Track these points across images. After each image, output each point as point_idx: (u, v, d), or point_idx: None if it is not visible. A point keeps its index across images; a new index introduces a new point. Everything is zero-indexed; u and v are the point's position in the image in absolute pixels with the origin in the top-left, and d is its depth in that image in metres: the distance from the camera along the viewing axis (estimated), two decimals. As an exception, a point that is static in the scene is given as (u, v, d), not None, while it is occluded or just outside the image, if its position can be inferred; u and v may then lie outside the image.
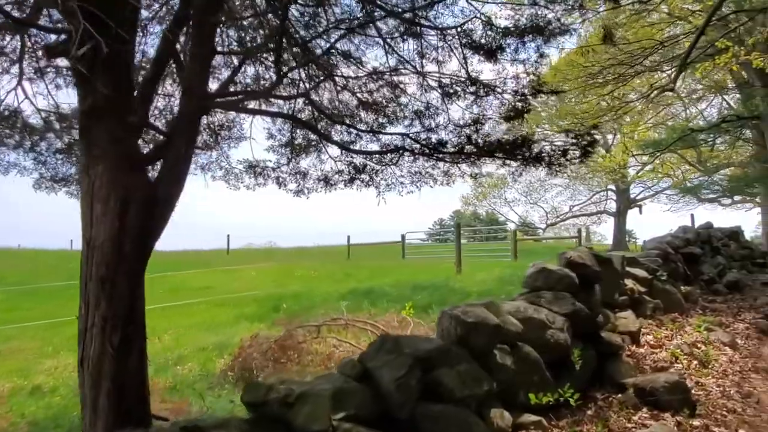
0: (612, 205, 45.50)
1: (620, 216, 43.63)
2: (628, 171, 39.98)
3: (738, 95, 21.20)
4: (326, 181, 5.93)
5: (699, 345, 7.28)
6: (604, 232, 51.38)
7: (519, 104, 5.36)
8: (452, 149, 5.17)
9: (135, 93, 4.65)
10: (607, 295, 6.56)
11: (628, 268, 8.51)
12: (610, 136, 41.87)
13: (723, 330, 8.43)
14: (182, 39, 5.37)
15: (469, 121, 5.29)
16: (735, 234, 17.23)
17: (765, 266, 16.91)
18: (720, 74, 17.21)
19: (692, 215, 19.66)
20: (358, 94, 5.70)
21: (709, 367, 6.63)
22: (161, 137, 5.48)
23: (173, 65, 5.58)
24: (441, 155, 5.23)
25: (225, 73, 6.22)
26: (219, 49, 5.53)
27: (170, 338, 9.35)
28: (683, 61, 6.78)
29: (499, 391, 4.32)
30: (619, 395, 5.39)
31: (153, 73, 4.97)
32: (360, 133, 5.67)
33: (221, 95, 5.49)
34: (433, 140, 5.22)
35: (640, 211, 44.20)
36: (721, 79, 16.32)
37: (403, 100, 5.62)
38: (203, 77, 4.87)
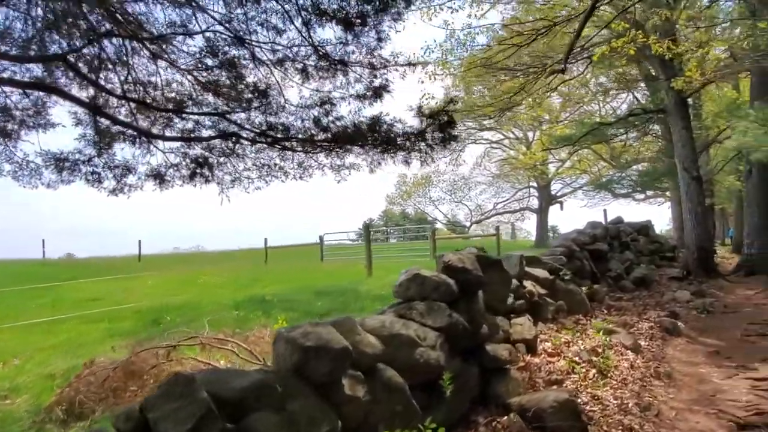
0: (534, 202, 46.25)
1: (542, 212, 44.33)
2: (548, 168, 40.59)
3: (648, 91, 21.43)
4: (159, 178, 4.97)
5: (600, 350, 6.73)
6: (530, 228, 52.15)
7: (376, 81, 4.60)
8: (301, 136, 4.34)
9: None
10: (498, 301, 5.90)
11: (528, 269, 7.93)
12: (530, 134, 42.51)
13: (627, 331, 7.98)
14: None
15: (318, 102, 4.47)
16: (645, 228, 17.25)
17: (673, 260, 17.02)
18: (630, 68, 17.17)
19: (605, 210, 19.65)
20: (159, 63, 4.72)
21: (609, 375, 6.07)
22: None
23: None
24: (283, 143, 4.37)
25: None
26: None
27: (19, 363, 8.08)
28: (573, 40, 6.28)
29: (348, 429, 3.51)
30: (505, 418, 4.69)
31: None
32: (164, 114, 4.69)
33: None
34: (272, 125, 4.35)
35: (561, 208, 45.12)
36: (627, 73, 16.29)
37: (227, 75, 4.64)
38: None
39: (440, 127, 4.89)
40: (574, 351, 6.58)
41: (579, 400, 5.22)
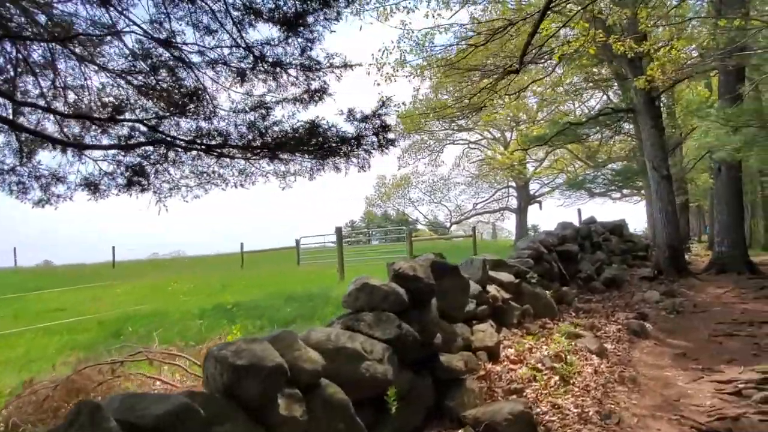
0: (513, 202, 46.38)
1: (521, 212, 44.46)
2: (526, 168, 40.70)
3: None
4: (92, 187, 4.72)
5: (564, 355, 6.60)
6: (513, 228, 52.21)
7: (314, 84, 4.41)
8: (236, 142, 4.13)
9: None
10: (455, 309, 5.73)
11: (492, 273, 7.78)
12: (508, 134, 42.63)
13: (593, 334, 7.86)
14: None
15: (253, 106, 4.26)
16: (618, 228, 17.25)
17: (646, 259, 17.02)
18: (601, 68, 17.16)
19: (579, 210, 19.59)
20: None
21: (571, 382, 5.93)
22: None
23: None
24: (218, 149, 4.17)
25: None
26: None
27: (-33, 381, 7.76)
28: (528, 39, 6.14)
29: (283, 452, 3.32)
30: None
31: None
32: (92, 121, 4.45)
33: None
34: (206, 131, 4.15)
35: (540, 207, 45.34)
36: (598, 73, 16.28)
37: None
38: None
39: (375, 131, 4.72)
40: (537, 357, 6.44)
41: (538, 410, 5.08)
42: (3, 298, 17.66)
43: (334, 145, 4.34)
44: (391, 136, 5.01)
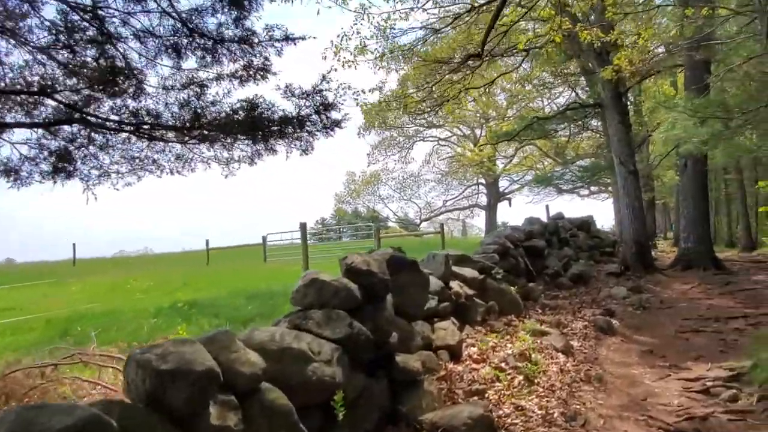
0: (483, 199, 46.39)
1: (491, 209, 44.49)
2: (496, 165, 40.72)
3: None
4: (12, 173, 4.27)
5: (529, 354, 6.35)
6: (482, 225, 52.24)
7: (255, 61, 4.05)
8: (170, 123, 3.75)
9: None
10: (414, 306, 5.42)
11: (456, 268, 7.50)
12: (478, 131, 42.60)
13: (560, 331, 7.64)
14: None
15: (186, 83, 3.87)
16: (586, 224, 17.18)
17: (613, 254, 16.97)
18: (569, 64, 17.04)
19: (547, 206, 19.54)
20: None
21: (536, 382, 5.68)
22: None
23: None
24: (149, 131, 3.78)
25: None
26: None
27: None
28: (491, 23, 5.89)
29: (214, 467, 2.97)
30: (415, 438, 4.23)
31: None
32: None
33: None
34: (134, 111, 3.75)
35: (510, 204, 45.41)
36: (566, 67, 16.13)
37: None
38: None
39: (317, 109, 4.37)
40: (501, 356, 6.17)
41: (500, 412, 4.81)
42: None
43: (274, 127, 3.98)
44: (336, 115, 4.67)
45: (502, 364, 5.92)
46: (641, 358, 7.17)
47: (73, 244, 31.34)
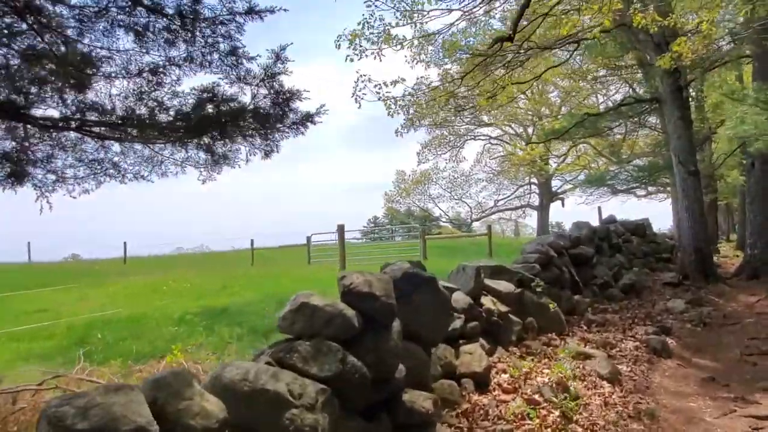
0: (536, 199, 45.11)
1: (543, 209, 43.20)
2: (549, 164, 39.47)
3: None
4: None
5: (570, 381, 5.57)
6: (535, 225, 50.93)
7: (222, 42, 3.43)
8: (132, 120, 3.18)
9: None
10: (431, 330, 4.72)
11: (489, 281, 6.78)
12: (530, 129, 41.34)
13: (606, 353, 6.81)
14: None
15: (138, 70, 3.28)
16: (641, 228, 16.03)
17: (670, 261, 15.77)
18: (623, 55, 15.89)
19: (599, 208, 18.45)
20: None
21: (574, 419, 4.91)
22: None
23: None
24: (92, 129, 3.23)
25: None
26: None
27: None
28: (525, 3, 5.17)
29: None
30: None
31: None
32: None
33: None
34: (80, 105, 3.19)
35: (563, 204, 44.00)
36: (620, 59, 15.02)
37: None
38: None
39: (274, 100, 3.71)
40: (536, 385, 5.40)
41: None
42: (-3, 296, 17.06)
43: (234, 122, 3.35)
44: (301, 107, 3.99)
45: (536, 396, 5.17)
46: (701, 387, 6.28)
47: (124, 243, 31.64)
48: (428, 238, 25.75)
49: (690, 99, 20.97)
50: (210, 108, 3.37)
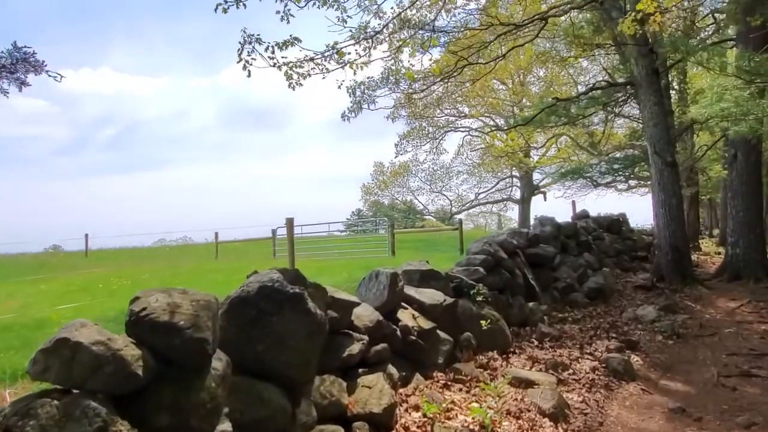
0: (517, 192, 44.18)
1: (524, 203, 42.29)
2: (530, 157, 38.52)
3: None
4: None
5: (499, 423, 4.39)
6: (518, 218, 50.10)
7: None
8: None
9: None
10: (293, 365, 3.48)
11: (412, 291, 5.57)
12: (511, 121, 40.19)
13: (557, 376, 5.64)
14: None
15: None
16: (616, 223, 14.89)
17: (647, 260, 14.65)
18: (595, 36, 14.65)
19: (573, 202, 17.26)
20: None
21: (495, 479, 3.74)
22: None
23: None
24: None
25: None
26: None
27: None
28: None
29: None
30: None
31: None
32: None
33: None
34: None
35: (545, 198, 43.08)
36: (592, 39, 13.80)
37: None
38: None
39: None
40: (453, 429, 4.21)
41: None
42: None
43: None
44: None
45: (450, 444, 3.99)
46: (667, 421, 5.13)
47: (86, 235, 30.05)
48: (397, 232, 24.52)
49: (671, 89, 19.89)
50: None
